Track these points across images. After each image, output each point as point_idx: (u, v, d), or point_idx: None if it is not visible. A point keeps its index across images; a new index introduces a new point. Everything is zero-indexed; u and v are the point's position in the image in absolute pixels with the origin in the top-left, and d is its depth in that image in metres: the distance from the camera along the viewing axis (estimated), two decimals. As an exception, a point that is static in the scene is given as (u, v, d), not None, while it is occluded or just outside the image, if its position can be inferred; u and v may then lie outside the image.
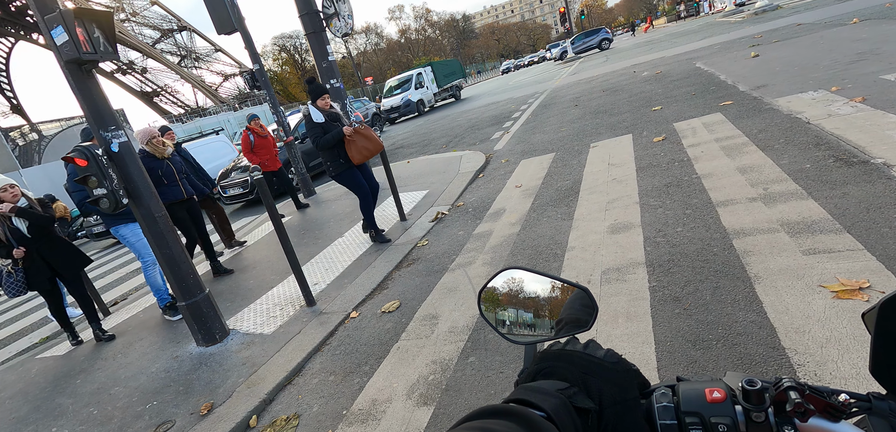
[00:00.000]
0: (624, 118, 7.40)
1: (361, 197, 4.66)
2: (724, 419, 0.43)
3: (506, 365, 2.45)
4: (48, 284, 4.15)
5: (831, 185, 3.17)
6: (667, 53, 15.48)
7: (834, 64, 6.54)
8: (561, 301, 0.63)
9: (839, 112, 4.50)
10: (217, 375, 3.17)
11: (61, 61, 2.91)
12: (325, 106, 4.42)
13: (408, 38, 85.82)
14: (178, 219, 4.86)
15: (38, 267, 4.00)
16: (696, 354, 2.09)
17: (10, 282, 3.87)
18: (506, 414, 0.42)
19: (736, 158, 4.18)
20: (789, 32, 11.29)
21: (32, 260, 3.99)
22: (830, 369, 1.77)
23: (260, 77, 8.49)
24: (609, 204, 4.07)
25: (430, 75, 23.61)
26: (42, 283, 4.07)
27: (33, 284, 4.02)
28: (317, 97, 4.39)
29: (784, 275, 2.39)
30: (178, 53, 57.03)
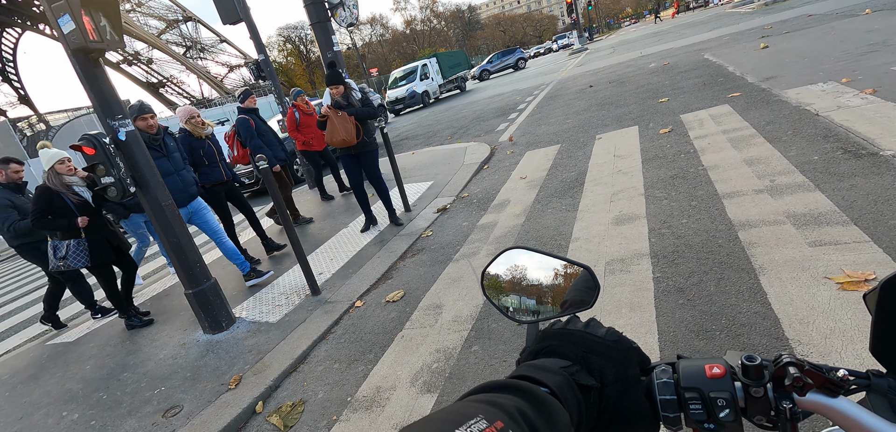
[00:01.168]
0: (630, 110, 7.35)
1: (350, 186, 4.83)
2: (723, 394, 0.43)
3: (509, 353, 2.46)
4: (114, 256, 4.11)
5: (839, 177, 3.15)
6: (674, 45, 15.32)
7: (845, 55, 6.46)
8: (564, 280, 0.63)
9: (849, 104, 4.45)
10: (224, 362, 3.21)
11: (68, 50, 2.93)
12: (336, 94, 4.53)
13: (413, 29, 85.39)
14: (218, 201, 4.81)
15: (100, 239, 4.01)
16: (700, 344, 2.09)
17: (78, 251, 3.83)
18: (512, 389, 0.42)
19: (743, 150, 4.15)
20: (800, 23, 11.14)
21: (96, 231, 3.98)
22: (834, 360, 1.77)
23: (265, 67, 8.50)
24: (614, 195, 4.06)
25: (435, 67, 23.48)
26: (107, 255, 4.04)
27: (97, 256, 3.96)
28: (329, 84, 4.54)
29: (789, 267, 2.39)
30: (184, 44, 57.12)
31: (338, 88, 4.51)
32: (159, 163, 3.71)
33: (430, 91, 22.05)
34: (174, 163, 4.07)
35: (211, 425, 2.56)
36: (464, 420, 0.35)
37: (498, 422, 0.35)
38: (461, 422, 0.35)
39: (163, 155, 3.97)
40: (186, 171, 4.19)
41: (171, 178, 3.94)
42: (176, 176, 4.04)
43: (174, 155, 4.10)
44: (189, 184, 4.17)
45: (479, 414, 0.36)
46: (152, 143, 3.88)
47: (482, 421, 0.35)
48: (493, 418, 0.36)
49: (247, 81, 51.71)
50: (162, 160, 3.90)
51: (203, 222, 4.34)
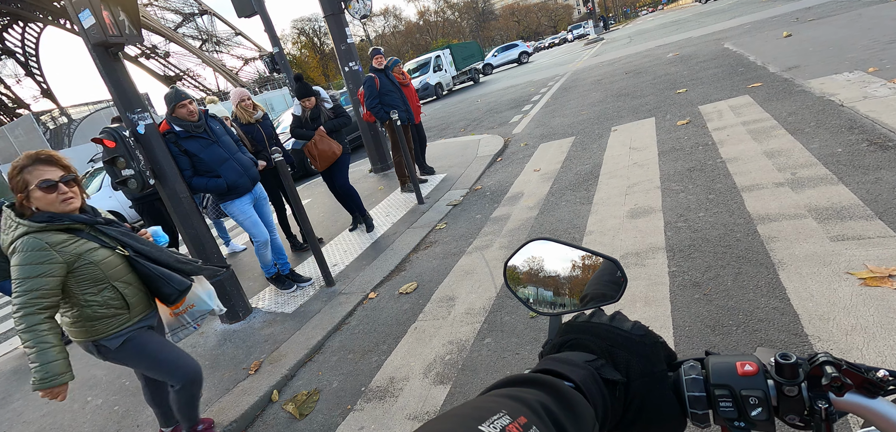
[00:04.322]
0: (647, 101, 7.23)
1: (334, 192, 4.90)
2: (756, 392, 0.42)
3: (522, 345, 2.46)
4: None
5: (864, 170, 3.06)
6: (694, 33, 14.98)
7: (873, 43, 6.24)
8: (588, 272, 0.62)
9: (876, 94, 4.31)
10: (241, 351, 3.28)
11: (89, 45, 2.99)
12: (307, 106, 4.55)
13: (426, 21, 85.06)
14: (269, 186, 4.51)
15: None
16: (715, 340, 2.07)
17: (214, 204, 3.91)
18: (536, 384, 0.42)
19: (763, 142, 4.05)
20: (825, 10, 10.80)
21: None
22: (855, 357, 1.73)
23: (279, 60, 8.57)
24: (629, 188, 4.01)
25: (448, 58, 23.34)
26: None
27: None
28: (300, 97, 4.55)
29: (810, 262, 2.33)
30: (200, 37, 57.85)
31: (310, 100, 4.52)
32: (211, 151, 3.51)
33: (443, 83, 21.91)
34: (226, 149, 3.65)
35: (229, 412, 2.61)
36: (487, 415, 0.35)
37: (521, 417, 0.35)
38: (484, 417, 0.35)
39: (212, 141, 3.57)
40: (242, 154, 3.79)
41: (228, 165, 3.58)
42: (231, 161, 3.63)
43: (224, 139, 3.69)
44: (248, 166, 3.77)
45: (502, 408, 0.36)
46: (195, 131, 3.49)
47: (505, 416, 0.35)
48: (517, 413, 0.36)
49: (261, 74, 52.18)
50: (212, 147, 3.55)
51: (261, 213, 3.99)
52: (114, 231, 1.93)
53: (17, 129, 23.68)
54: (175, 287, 2.01)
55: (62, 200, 1.80)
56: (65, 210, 1.81)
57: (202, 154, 3.48)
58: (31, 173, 1.76)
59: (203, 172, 3.54)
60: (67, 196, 1.81)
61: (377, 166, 7.76)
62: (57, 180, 1.79)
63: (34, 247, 1.72)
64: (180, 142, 3.44)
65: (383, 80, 5.72)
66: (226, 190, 3.58)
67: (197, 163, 3.51)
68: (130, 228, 2.08)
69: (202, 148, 3.50)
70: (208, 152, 3.52)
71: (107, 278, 1.88)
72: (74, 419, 3.07)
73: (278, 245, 4.08)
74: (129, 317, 1.95)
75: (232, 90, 4.79)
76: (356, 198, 4.93)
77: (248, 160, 3.79)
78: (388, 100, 5.66)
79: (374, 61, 5.81)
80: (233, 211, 3.75)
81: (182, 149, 3.45)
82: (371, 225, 5.01)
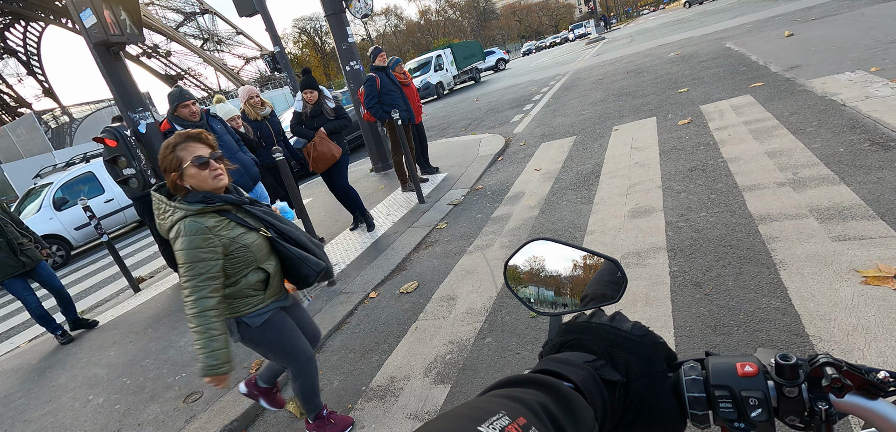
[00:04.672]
0: (648, 100, 7.22)
1: (334, 192, 4.88)
2: (756, 393, 0.42)
3: (522, 345, 2.46)
4: None
5: (866, 170, 3.05)
6: (696, 33, 14.95)
7: (874, 43, 6.23)
8: (588, 272, 0.62)
9: (878, 94, 4.29)
10: (241, 349, 3.28)
11: (90, 44, 2.99)
12: (310, 99, 4.52)
13: (427, 20, 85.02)
14: (269, 184, 4.56)
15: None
16: (716, 340, 2.07)
17: None
18: (535, 384, 0.42)
19: (765, 142, 4.04)
20: (827, 10, 10.77)
21: None
22: (856, 357, 1.73)
23: (281, 59, 8.57)
24: (630, 188, 4.01)
25: (449, 57, 23.32)
26: None
27: None
28: (303, 88, 4.52)
29: (811, 262, 2.33)
30: (201, 37, 57.89)
31: (312, 93, 4.50)
32: None
33: (444, 82, 21.89)
34: (227, 148, 3.71)
35: (230, 411, 2.62)
36: (486, 415, 0.35)
37: (520, 418, 0.35)
38: (484, 418, 0.35)
39: None
40: (242, 154, 3.87)
41: None
42: (232, 160, 3.67)
43: (224, 138, 3.77)
44: (248, 166, 3.84)
45: (501, 409, 0.36)
46: None
47: (504, 417, 0.35)
48: (516, 414, 0.36)
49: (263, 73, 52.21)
50: None
51: None
52: (257, 210, 1.92)
53: (18, 128, 23.72)
54: (313, 269, 1.97)
55: (214, 177, 1.78)
56: (216, 186, 1.79)
57: None
58: (185, 150, 1.74)
59: None
60: (218, 172, 1.81)
61: (378, 166, 7.76)
62: (208, 157, 1.78)
63: (196, 230, 1.71)
64: None
65: (384, 80, 5.71)
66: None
67: None
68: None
69: None
70: None
71: (256, 260, 1.87)
72: (76, 417, 3.08)
73: None
74: (265, 297, 1.94)
75: (240, 88, 4.81)
76: (356, 197, 4.94)
77: (248, 159, 3.81)
78: (389, 99, 5.66)
79: (377, 60, 5.81)
80: None
81: None
82: (372, 224, 5.01)
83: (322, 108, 4.58)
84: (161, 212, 1.77)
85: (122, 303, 5.20)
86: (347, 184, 4.85)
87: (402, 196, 5.91)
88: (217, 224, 1.77)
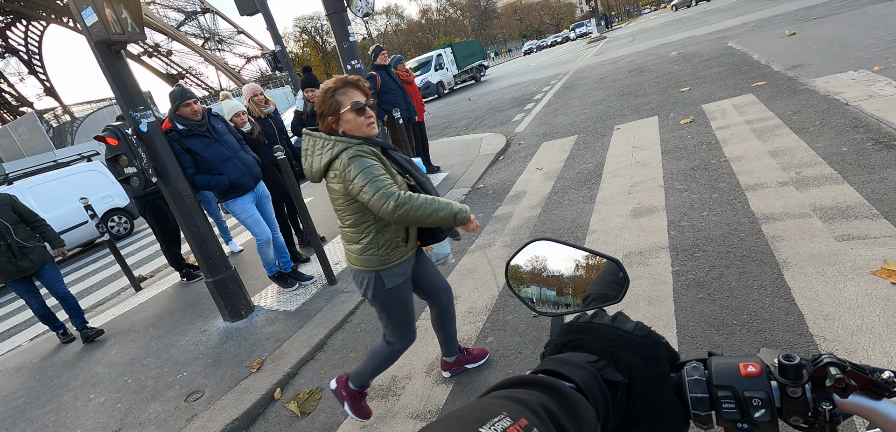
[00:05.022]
0: (650, 100, 7.21)
1: None
2: (759, 393, 0.42)
3: (524, 345, 2.45)
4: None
5: (869, 169, 3.04)
6: (697, 32, 14.92)
7: (877, 42, 6.20)
8: (590, 272, 0.62)
9: (881, 92, 4.28)
10: (243, 349, 3.28)
11: (91, 42, 2.99)
12: (310, 97, 4.56)
13: (429, 19, 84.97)
14: (271, 183, 4.42)
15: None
16: (719, 339, 2.06)
17: None
18: (537, 385, 0.42)
19: (767, 141, 4.03)
20: (830, 8, 10.74)
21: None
22: (860, 357, 1.72)
23: (282, 58, 8.57)
24: (632, 187, 4.00)
25: (450, 57, 23.25)
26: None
27: None
28: (304, 86, 4.57)
29: (815, 261, 2.32)
30: (202, 36, 57.94)
31: (314, 92, 4.54)
32: (213, 149, 3.54)
33: (444, 81, 21.86)
34: (229, 147, 3.68)
35: (231, 410, 2.62)
36: (488, 417, 0.35)
37: (522, 419, 0.35)
38: (485, 419, 0.35)
39: (214, 140, 3.60)
40: (244, 153, 3.82)
41: (230, 163, 3.61)
42: (234, 159, 3.65)
43: (226, 137, 3.71)
44: (250, 165, 3.79)
45: (502, 410, 0.36)
46: (198, 130, 3.52)
47: (506, 418, 0.35)
48: (518, 415, 0.36)
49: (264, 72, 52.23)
50: (214, 145, 3.58)
51: (264, 211, 3.98)
52: (399, 157, 1.91)
53: (20, 127, 23.77)
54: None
55: (368, 124, 1.79)
56: (369, 133, 1.79)
57: (205, 152, 3.50)
58: (344, 95, 1.75)
59: (205, 170, 3.55)
60: (372, 120, 1.81)
61: (379, 165, 7.74)
62: (364, 104, 1.78)
63: (364, 153, 1.71)
64: (183, 140, 3.45)
65: (385, 78, 5.71)
66: (228, 187, 3.59)
67: (199, 162, 3.52)
68: None
69: (205, 146, 3.52)
70: (211, 150, 3.54)
71: None
72: (77, 416, 3.08)
73: (280, 243, 4.09)
74: (406, 250, 1.93)
75: (244, 86, 4.81)
76: None
77: (250, 158, 3.81)
78: (390, 98, 5.65)
79: (378, 59, 5.81)
80: (235, 209, 3.74)
81: (185, 146, 3.46)
82: None
83: None
84: (317, 149, 1.77)
85: (123, 303, 5.20)
86: None
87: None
88: None
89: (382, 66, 5.79)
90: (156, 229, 5.00)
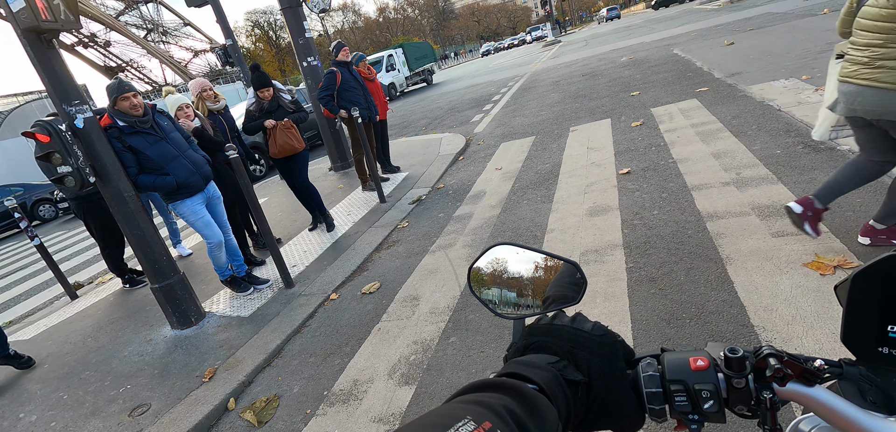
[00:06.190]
0: (603, 103, 7.48)
1: (293, 189, 4.78)
2: (707, 386, 0.44)
3: (486, 344, 2.48)
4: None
5: (800, 170, 3.29)
6: (646, 39, 15.65)
7: (805, 53, 6.74)
8: (549, 274, 0.63)
9: (809, 100, 4.64)
10: (193, 358, 3.11)
11: (18, 30, 2.74)
12: (266, 97, 4.42)
13: (386, 17, 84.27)
14: (223, 184, 4.18)
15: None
16: (670, 332, 2.16)
17: None
18: (500, 388, 0.43)
19: (710, 144, 4.28)
20: (764, 21, 11.55)
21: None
22: (795, 345, 1.85)
23: (233, 53, 8.23)
24: (588, 187, 4.13)
25: (401, 58, 22.47)
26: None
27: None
28: (258, 88, 4.41)
29: (754, 257, 2.48)
30: (144, 26, 54.57)
31: (268, 91, 4.41)
32: (158, 148, 3.32)
33: (396, 83, 21.31)
34: (176, 145, 3.46)
35: (181, 423, 2.48)
36: (451, 423, 0.35)
37: (486, 422, 0.36)
38: (449, 425, 0.35)
39: (160, 138, 3.37)
40: (193, 151, 3.60)
41: (177, 162, 3.40)
42: (182, 158, 3.44)
43: (173, 135, 3.49)
44: (200, 164, 3.58)
45: (466, 415, 0.36)
46: (141, 127, 3.28)
47: (470, 423, 0.35)
48: (481, 418, 0.36)
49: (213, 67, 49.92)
50: (160, 144, 3.35)
51: (215, 212, 3.77)
52: None
53: (-67, 121, 21.49)
54: None
55: None
56: None
57: (149, 151, 3.29)
58: None
59: (150, 170, 3.34)
60: None
61: (337, 164, 7.60)
62: None
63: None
64: (124, 137, 3.22)
65: (346, 75, 5.60)
66: (175, 188, 3.39)
67: (143, 161, 3.30)
68: None
69: (149, 144, 3.31)
70: (155, 149, 3.33)
71: None
72: (4, 438, 2.82)
73: (233, 246, 3.92)
74: None
75: (191, 81, 4.54)
76: (316, 195, 4.81)
77: (199, 157, 3.61)
78: (349, 96, 5.55)
79: (339, 55, 5.67)
80: (183, 211, 3.54)
81: (126, 144, 3.23)
82: (331, 224, 4.90)
83: (280, 103, 4.45)
84: None
85: (57, 312, 4.81)
86: (307, 181, 4.72)
87: (363, 195, 5.82)
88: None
89: (343, 63, 5.66)
90: (96, 232, 4.64)
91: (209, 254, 3.68)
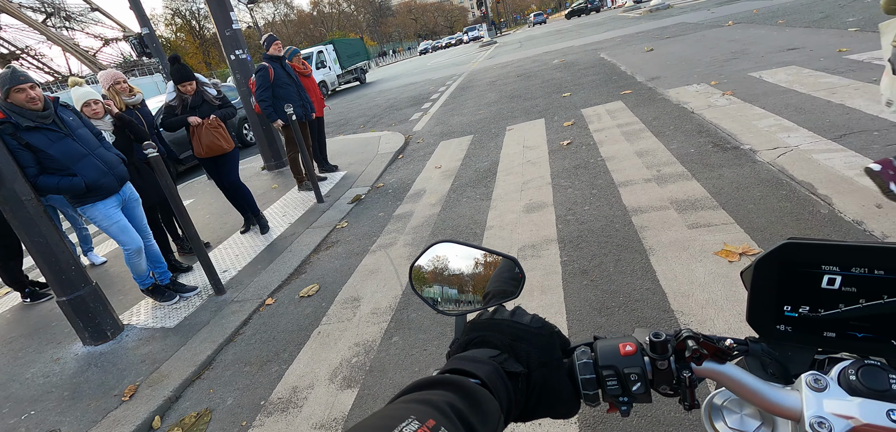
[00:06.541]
0: (537, 103, 7.76)
1: (223, 190, 4.57)
2: (635, 369, 0.48)
3: (429, 341, 2.49)
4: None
5: (711, 167, 3.62)
6: (575, 43, 16.44)
7: (713, 61, 7.41)
8: (489, 269, 0.65)
9: (717, 103, 5.12)
10: (110, 376, 2.85)
11: None
12: (188, 91, 4.12)
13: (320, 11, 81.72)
14: (141, 184, 3.81)
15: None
16: (602, 320, 2.30)
17: None
18: (443, 385, 0.43)
19: (634, 143, 4.59)
20: (678, 30, 12.55)
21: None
22: (709, 327, 2.05)
23: (150, 43, 7.60)
24: (524, 184, 4.28)
25: (332, 55, 21.59)
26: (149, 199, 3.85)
27: None
28: (179, 81, 4.09)
29: (673, 247, 2.70)
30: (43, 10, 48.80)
31: (190, 85, 4.11)
32: (63, 146, 2.99)
33: (327, 81, 20.40)
34: (84, 143, 3.12)
35: (97, 448, 2.26)
36: (395, 423, 0.35)
37: (430, 420, 0.36)
38: (393, 426, 0.35)
39: (65, 135, 3.04)
40: (104, 150, 3.26)
41: (86, 161, 3.07)
42: (91, 157, 3.10)
43: (80, 132, 3.14)
44: (114, 164, 3.25)
45: (410, 414, 0.37)
46: (42, 123, 2.94)
47: (414, 422, 0.36)
48: (425, 417, 0.37)
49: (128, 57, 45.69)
50: (65, 141, 3.02)
51: (133, 216, 3.48)
52: None
53: None
54: None
55: None
56: None
57: (51, 149, 2.94)
58: None
59: (54, 170, 2.99)
60: None
61: (270, 163, 7.27)
62: None
63: None
64: (19, 134, 2.86)
65: (279, 71, 5.34)
66: (85, 190, 3.06)
67: (44, 160, 2.94)
68: None
69: (51, 142, 2.95)
70: (59, 147, 2.98)
71: None
72: None
73: (155, 252, 3.62)
74: None
75: (102, 72, 4.08)
76: (248, 196, 4.57)
77: (113, 157, 3.28)
78: (283, 92, 5.32)
79: (271, 49, 5.39)
80: (95, 215, 3.21)
81: (23, 142, 2.87)
82: (265, 226, 4.69)
83: (205, 98, 4.15)
84: None
85: None
86: (238, 181, 4.47)
87: (299, 195, 5.62)
88: None
89: (276, 58, 5.40)
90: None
91: (127, 262, 3.38)
